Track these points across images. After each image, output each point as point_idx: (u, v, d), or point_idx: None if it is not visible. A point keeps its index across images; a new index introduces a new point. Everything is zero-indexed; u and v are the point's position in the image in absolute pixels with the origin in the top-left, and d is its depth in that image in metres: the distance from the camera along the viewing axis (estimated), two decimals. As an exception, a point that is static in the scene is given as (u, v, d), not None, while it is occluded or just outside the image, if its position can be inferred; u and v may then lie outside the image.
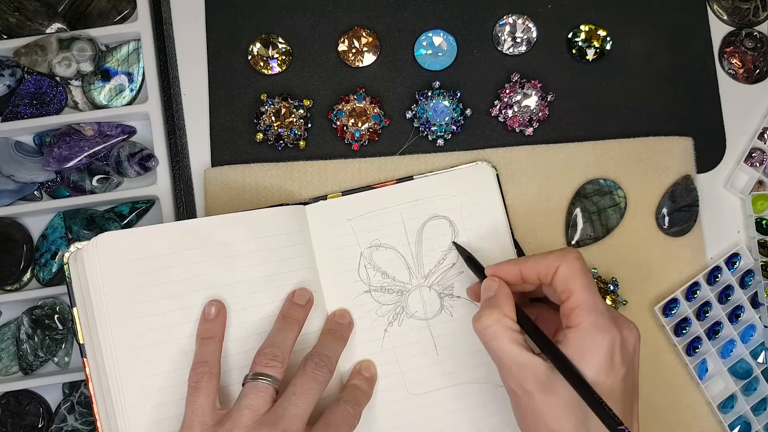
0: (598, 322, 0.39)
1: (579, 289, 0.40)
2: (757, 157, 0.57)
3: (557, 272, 0.41)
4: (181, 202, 0.56)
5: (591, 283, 0.40)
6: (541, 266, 0.42)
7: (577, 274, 0.40)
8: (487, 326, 0.40)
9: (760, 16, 0.59)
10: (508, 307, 0.41)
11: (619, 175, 0.55)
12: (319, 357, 0.45)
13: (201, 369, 0.43)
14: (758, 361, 0.55)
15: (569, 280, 0.40)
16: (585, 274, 0.40)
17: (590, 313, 0.39)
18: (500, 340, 0.40)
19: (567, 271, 0.41)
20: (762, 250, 0.55)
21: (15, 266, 0.55)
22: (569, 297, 0.40)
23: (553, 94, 0.57)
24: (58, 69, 0.56)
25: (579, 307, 0.39)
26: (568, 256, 0.41)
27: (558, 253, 0.42)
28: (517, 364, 0.39)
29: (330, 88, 0.57)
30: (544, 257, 0.42)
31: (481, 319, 0.41)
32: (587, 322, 0.39)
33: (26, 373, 0.55)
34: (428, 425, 0.50)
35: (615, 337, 0.38)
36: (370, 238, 0.52)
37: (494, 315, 0.41)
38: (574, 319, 0.39)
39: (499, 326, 0.40)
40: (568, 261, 0.41)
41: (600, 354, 0.38)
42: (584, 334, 0.39)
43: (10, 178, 0.55)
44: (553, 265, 0.41)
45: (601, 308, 0.39)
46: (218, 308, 0.45)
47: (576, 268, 0.40)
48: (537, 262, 0.42)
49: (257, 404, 0.41)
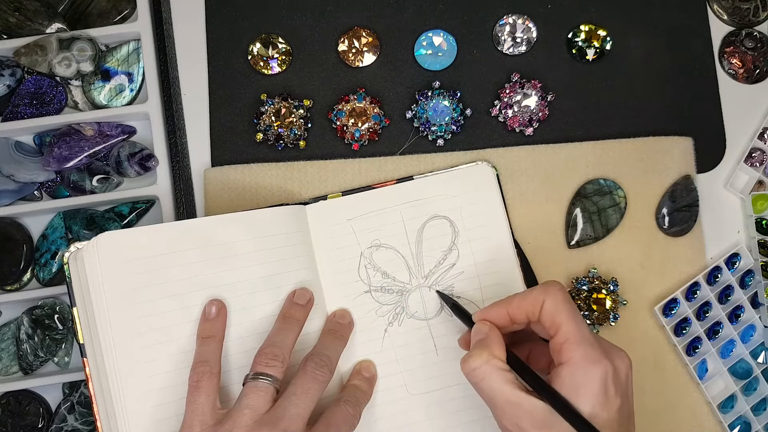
0: (589, 355, 0.38)
1: (566, 321, 0.39)
2: (757, 157, 0.57)
3: (543, 308, 0.41)
4: (181, 202, 0.56)
5: (576, 313, 0.40)
6: (527, 303, 0.41)
7: (561, 307, 0.40)
8: (476, 367, 0.40)
9: (760, 16, 0.59)
10: (498, 348, 0.41)
11: (619, 175, 0.55)
12: (319, 357, 0.44)
13: (201, 368, 0.43)
14: (758, 361, 0.55)
15: (555, 314, 0.40)
16: (569, 304, 0.40)
17: (580, 346, 0.38)
18: (490, 380, 0.39)
19: (552, 305, 0.40)
20: (762, 250, 0.55)
21: (15, 266, 0.55)
22: (557, 331, 0.40)
23: (553, 94, 0.57)
24: (58, 69, 0.56)
25: (568, 341, 0.39)
26: (550, 289, 0.41)
27: (540, 288, 0.41)
28: (509, 402, 0.39)
29: (330, 88, 0.57)
30: (528, 294, 0.42)
31: (469, 361, 0.40)
32: (578, 356, 0.38)
33: (26, 373, 0.55)
34: (428, 425, 0.50)
35: (607, 368, 0.38)
36: (370, 238, 0.52)
37: (483, 356, 0.40)
38: (565, 355, 0.39)
39: (489, 366, 0.40)
40: (552, 294, 0.40)
41: (594, 388, 0.37)
42: (576, 369, 0.38)
43: (10, 178, 0.55)
44: (539, 301, 0.41)
45: (589, 339, 0.39)
46: (219, 308, 0.45)
47: (560, 300, 0.40)
48: (522, 299, 0.42)
49: (257, 404, 0.41)
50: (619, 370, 0.39)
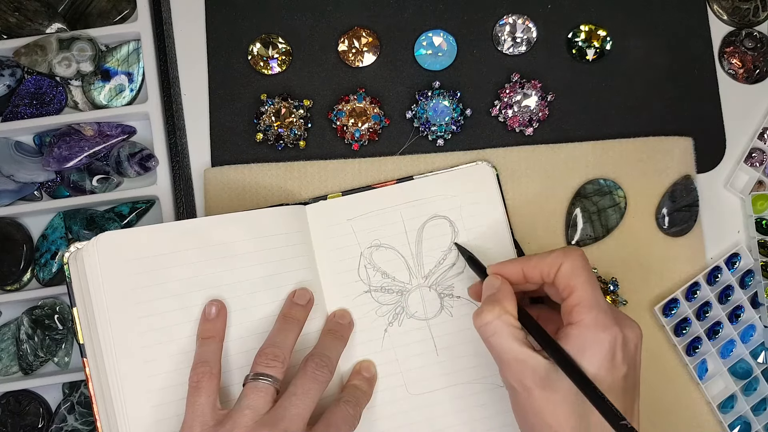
0: (600, 320, 0.39)
1: (581, 286, 0.40)
2: (757, 157, 0.57)
3: (560, 270, 0.41)
4: (181, 202, 0.56)
5: (593, 280, 0.40)
6: (544, 264, 0.42)
7: (579, 272, 0.40)
8: (488, 322, 0.40)
9: (760, 16, 0.59)
10: (510, 304, 0.41)
11: (619, 175, 0.55)
12: (319, 357, 0.45)
13: (202, 369, 0.43)
14: (758, 361, 0.55)
15: (572, 277, 0.40)
16: (587, 271, 0.41)
17: (591, 310, 0.39)
18: (501, 335, 0.40)
19: (570, 268, 0.41)
20: (762, 250, 0.55)
21: (15, 266, 0.55)
22: (571, 294, 0.40)
23: (553, 94, 0.57)
24: (58, 69, 0.56)
25: (580, 304, 0.39)
26: (571, 253, 0.41)
27: (561, 251, 0.42)
28: (517, 360, 0.39)
29: (330, 88, 0.57)
30: (547, 255, 0.42)
31: (482, 315, 0.41)
32: (588, 318, 0.39)
33: (26, 373, 0.55)
34: (428, 425, 0.50)
35: (616, 334, 0.38)
36: (370, 238, 0.52)
37: (495, 311, 0.40)
38: (576, 316, 0.39)
39: (500, 322, 0.40)
40: (572, 258, 0.41)
41: (601, 351, 0.38)
42: (585, 330, 0.39)
43: (10, 178, 0.55)
44: (556, 263, 0.41)
45: (602, 305, 0.39)
46: (219, 308, 0.45)
47: (579, 266, 0.40)
48: (540, 260, 0.42)
49: (258, 404, 0.41)
50: (628, 339, 0.39)
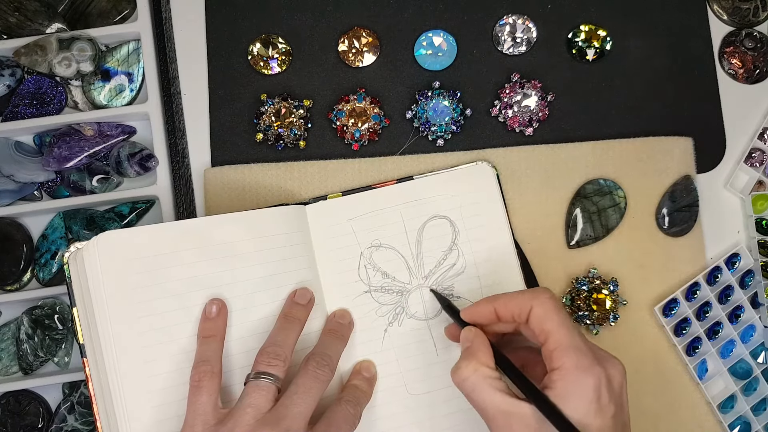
0: (581, 362, 0.38)
1: (556, 329, 0.39)
2: (757, 157, 0.57)
3: (531, 313, 0.40)
4: (181, 202, 0.56)
5: (567, 321, 0.40)
6: (513, 305, 0.41)
7: (551, 315, 0.40)
8: (466, 377, 0.40)
9: (760, 16, 0.59)
10: (485, 355, 0.41)
11: (619, 175, 0.55)
12: (320, 356, 0.45)
13: (203, 368, 0.43)
14: (758, 361, 0.55)
15: (544, 321, 0.40)
16: (559, 312, 0.40)
17: (571, 353, 0.38)
18: (481, 390, 0.39)
19: (541, 312, 0.40)
20: (762, 250, 0.55)
21: (15, 266, 0.55)
22: (547, 339, 0.39)
23: (553, 94, 0.57)
24: (58, 69, 0.56)
25: (558, 348, 0.38)
26: (539, 296, 0.41)
27: (529, 293, 0.41)
28: (501, 411, 0.38)
29: (330, 88, 0.57)
30: (517, 296, 0.42)
31: (458, 371, 0.40)
32: (569, 362, 0.38)
33: (26, 373, 0.55)
34: (428, 425, 0.50)
35: (600, 376, 0.37)
36: (370, 238, 0.52)
37: (471, 365, 0.40)
38: (556, 361, 0.38)
39: (478, 375, 0.39)
40: (541, 301, 0.40)
41: (586, 395, 0.37)
42: (568, 375, 0.38)
43: (10, 178, 0.55)
44: (526, 305, 0.41)
45: (581, 346, 0.39)
46: (219, 307, 0.45)
47: (550, 308, 0.40)
48: (510, 300, 0.42)
49: (259, 403, 0.41)
50: (612, 378, 0.38)
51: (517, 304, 0.41)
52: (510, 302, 0.42)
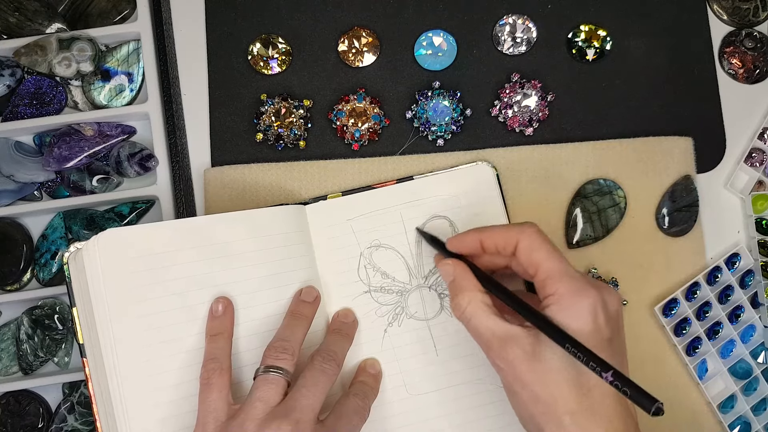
0: (574, 286, 0.38)
1: (545, 259, 0.39)
2: (757, 157, 0.57)
3: (519, 246, 0.41)
4: (181, 202, 0.56)
5: (556, 251, 0.40)
6: (499, 237, 0.42)
7: (538, 246, 0.40)
8: (464, 308, 0.41)
9: (760, 16, 0.59)
10: (472, 281, 0.42)
11: (619, 175, 0.55)
12: (326, 352, 0.45)
13: (211, 366, 0.43)
14: (758, 361, 0.55)
15: (532, 252, 0.40)
16: (546, 243, 0.40)
17: (564, 279, 0.38)
18: (477, 317, 0.40)
19: (528, 245, 0.40)
20: (762, 250, 0.55)
21: (15, 266, 0.55)
22: (538, 269, 0.40)
23: (553, 94, 0.57)
24: (58, 69, 0.56)
25: (550, 276, 0.39)
26: (526, 229, 0.41)
27: (517, 226, 0.42)
28: (496, 337, 0.39)
29: (330, 88, 0.57)
30: (503, 228, 0.42)
31: (457, 306, 0.41)
32: (562, 287, 0.38)
33: (26, 373, 0.55)
34: (428, 425, 0.50)
35: (595, 298, 0.38)
36: (370, 239, 0.52)
37: (465, 296, 0.41)
38: (550, 288, 0.39)
39: (473, 305, 0.40)
40: (527, 234, 0.41)
41: (582, 315, 0.37)
42: (562, 299, 0.38)
43: (10, 178, 0.55)
44: (513, 238, 0.41)
45: (573, 273, 0.39)
46: (225, 305, 0.45)
47: (536, 240, 0.40)
48: (495, 231, 0.42)
49: (269, 396, 0.41)
50: (607, 302, 0.38)
51: (502, 236, 0.42)
52: (495, 234, 0.42)
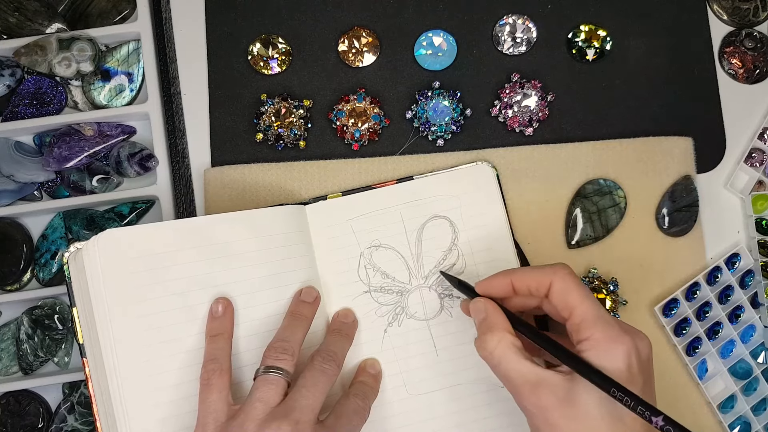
0: (610, 333, 0.37)
1: (580, 302, 0.39)
2: (757, 157, 0.57)
3: (552, 288, 0.40)
4: (181, 202, 0.56)
5: (590, 294, 0.39)
6: (532, 279, 0.41)
7: (573, 288, 0.39)
8: (492, 349, 0.39)
9: (760, 16, 0.59)
10: (505, 322, 0.40)
11: (619, 175, 0.55)
12: (326, 352, 0.45)
13: (211, 366, 0.43)
14: (758, 361, 0.55)
15: (567, 295, 0.39)
16: (581, 286, 0.39)
17: (599, 324, 0.38)
18: (508, 360, 0.39)
19: (562, 287, 0.39)
20: (762, 250, 0.55)
21: (15, 266, 0.55)
22: (572, 312, 0.39)
23: (553, 94, 0.57)
24: (58, 69, 0.56)
25: (585, 320, 0.38)
26: (559, 271, 0.40)
27: (549, 268, 0.41)
28: (529, 381, 0.38)
29: (330, 88, 0.57)
30: (535, 270, 0.41)
31: (484, 345, 0.40)
32: (598, 333, 0.37)
33: (26, 373, 0.55)
34: (428, 425, 0.50)
35: (629, 344, 0.37)
36: (369, 239, 0.52)
37: (495, 336, 0.40)
38: (584, 333, 0.38)
39: (503, 346, 0.39)
40: (561, 276, 0.40)
41: (617, 365, 0.36)
42: (598, 345, 0.37)
43: (10, 178, 0.55)
44: (545, 280, 0.40)
45: (608, 318, 0.38)
46: (225, 305, 0.45)
47: (570, 282, 0.39)
48: (527, 274, 0.41)
49: (269, 397, 0.41)
50: (640, 349, 0.38)
51: (535, 278, 0.41)
52: (527, 276, 0.41)
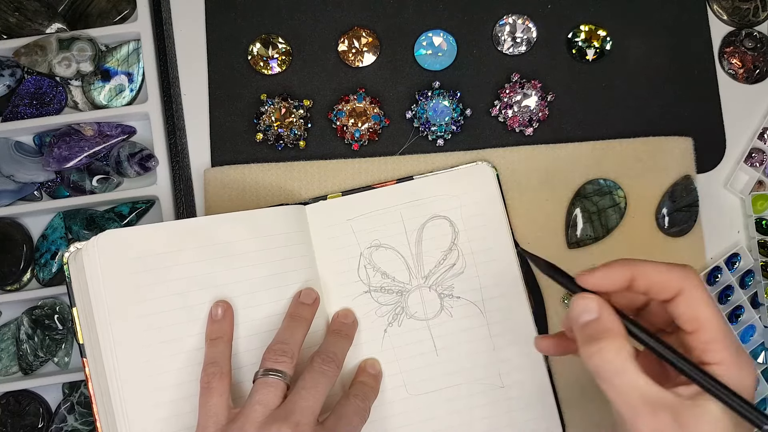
0: (741, 360, 0.34)
1: (711, 319, 0.35)
2: (757, 157, 0.57)
3: (682, 296, 0.35)
4: (181, 202, 0.56)
5: (719, 309, 0.36)
6: (658, 277, 0.36)
7: (705, 301, 0.35)
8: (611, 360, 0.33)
9: (760, 16, 0.59)
10: (621, 327, 0.34)
11: (619, 175, 0.55)
12: (325, 353, 0.45)
13: (211, 370, 0.43)
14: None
15: (699, 307, 0.35)
16: (712, 300, 0.35)
17: (729, 347, 0.34)
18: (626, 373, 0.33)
19: (695, 296, 0.35)
20: (762, 250, 0.55)
21: (15, 266, 0.55)
22: (701, 328, 0.35)
23: (553, 94, 0.57)
24: (58, 69, 0.56)
25: (715, 341, 0.34)
26: (691, 276, 0.35)
27: (680, 270, 0.36)
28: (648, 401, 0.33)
29: (330, 88, 0.57)
30: (664, 268, 0.36)
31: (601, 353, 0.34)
32: (730, 359, 0.34)
33: (26, 373, 0.55)
34: (428, 425, 0.50)
35: (754, 375, 0.34)
36: (369, 239, 0.52)
37: (615, 344, 0.34)
38: (714, 355, 0.34)
39: (623, 357, 0.33)
40: (694, 285, 0.35)
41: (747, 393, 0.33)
42: (729, 372, 0.34)
43: (10, 178, 0.55)
44: (674, 283, 0.35)
45: (735, 340, 0.35)
46: (224, 308, 0.45)
47: (703, 293, 0.35)
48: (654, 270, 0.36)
49: (268, 399, 0.41)
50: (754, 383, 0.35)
51: (663, 277, 0.35)
52: (654, 273, 0.36)
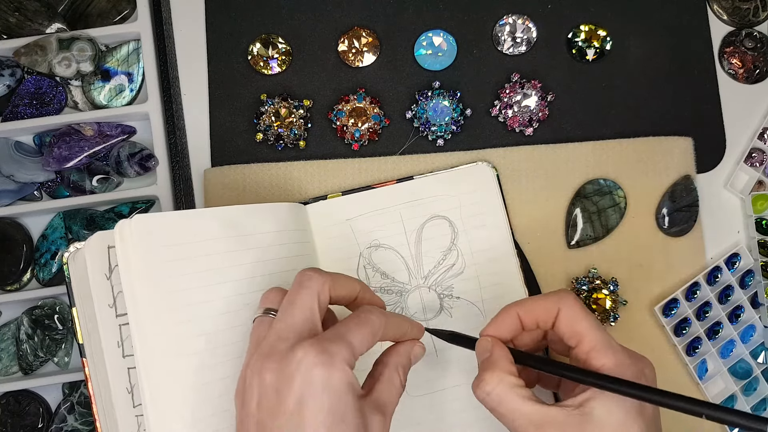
0: (620, 361, 0.36)
1: (589, 330, 0.38)
2: (757, 157, 0.57)
3: (560, 316, 0.39)
4: (181, 202, 0.56)
5: (597, 321, 0.38)
6: (540, 309, 0.40)
7: (581, 316, 0.38)
8: (490, 390, 0.37)
9: (760, 16, 0.59)
10: (508, 362, 0.38)
11: (619, 175, 0.55)
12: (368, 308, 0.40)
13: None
14: (758, 361, 0.55)
15: (575, 323, 0.38)
16: (588, 313, 0.39)
17: (609, 353, 0.37)
18: (508, 401, 0.36)
19: (570, 314, 0.38)
20: (762, 250, 0.55)
21: (15, 266, 0.55)
22: (581, 340, 0.38)
23: (553, 94, 0.57)
24: (58, 69, 0.56)
25: (595, 348, 0.37)
26: (566, 298, 0.39)
27: (554, 296, 0.39)
28: (534, 423, 0.36)
29: (330, 88, 0.57)
30: (540, 300, 0.40)
31: (482, 384, 0.37)
32: (609, 362, 0.36)
33: (26, 373, 0.55)
34: (428, 427, 0.50)
35: (639, 372, 0.36)
36: (369, 239, 0.52)
37: (495, 375, 0.37)
38: (595, 362, 0.37)
39: (503, 386, 0.37)
40: (568, 303, 0.39)
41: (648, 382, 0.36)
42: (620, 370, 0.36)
43: (10, 178, 0.55)
44: (553, 309, 0.39)
45: (616, 346, 0.37)
46: None
47: (578, 310, 0.38)
48: (534, 304, 0.40)
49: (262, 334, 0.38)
50: (648, 375, 0.37)
51: (542, 307, 0.39)
52: (534, 305, 0.40)
